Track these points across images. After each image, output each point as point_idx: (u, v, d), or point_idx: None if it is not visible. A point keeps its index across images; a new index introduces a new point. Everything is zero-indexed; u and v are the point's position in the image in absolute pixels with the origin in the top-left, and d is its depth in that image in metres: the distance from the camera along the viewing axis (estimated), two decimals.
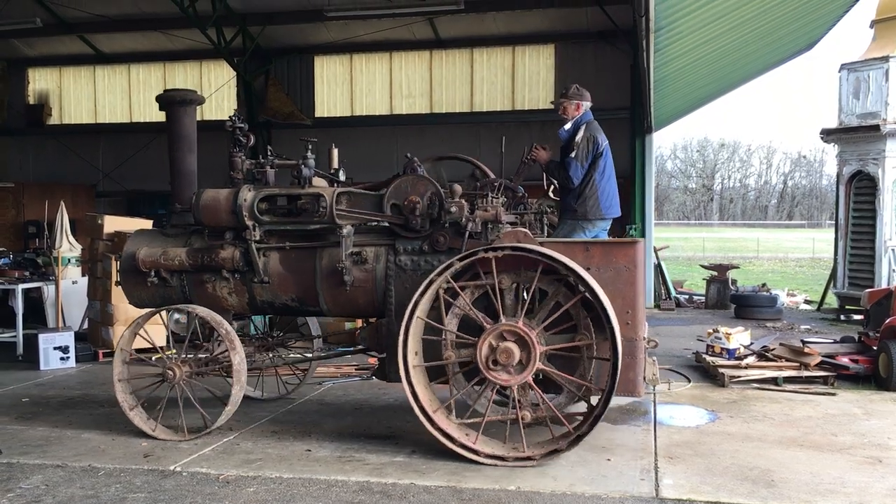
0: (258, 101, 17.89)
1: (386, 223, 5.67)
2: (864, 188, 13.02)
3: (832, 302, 14.29)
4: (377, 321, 5.83)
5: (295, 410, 6.69)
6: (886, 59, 12.60)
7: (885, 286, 11.39)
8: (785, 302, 14.51)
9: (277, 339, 7.25)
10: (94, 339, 9.19)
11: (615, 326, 4.95)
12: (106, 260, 8.74)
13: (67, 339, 8.76)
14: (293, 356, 7.24)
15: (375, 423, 6.17)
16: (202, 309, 5.91)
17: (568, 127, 6.87)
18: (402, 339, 5.24)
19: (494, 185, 6.16)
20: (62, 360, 8.66)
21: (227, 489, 4.67)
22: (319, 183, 5.99)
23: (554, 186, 7.35)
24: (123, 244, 6.42)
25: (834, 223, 14.80)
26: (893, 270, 12.47)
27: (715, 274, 14.82)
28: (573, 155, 6.72)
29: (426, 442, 5.60)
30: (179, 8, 14.95)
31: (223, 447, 5.53)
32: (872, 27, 13.41)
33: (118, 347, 5.93)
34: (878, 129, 12.39)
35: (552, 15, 16.31)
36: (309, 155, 5.79)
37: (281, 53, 18.02)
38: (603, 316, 4.99)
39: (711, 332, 8.51)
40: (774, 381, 7.51)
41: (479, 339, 5.14)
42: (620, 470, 5.01)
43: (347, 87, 18.37)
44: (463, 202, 5.42)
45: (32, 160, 19.33)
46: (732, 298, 13.62)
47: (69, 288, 9.98)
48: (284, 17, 16.69)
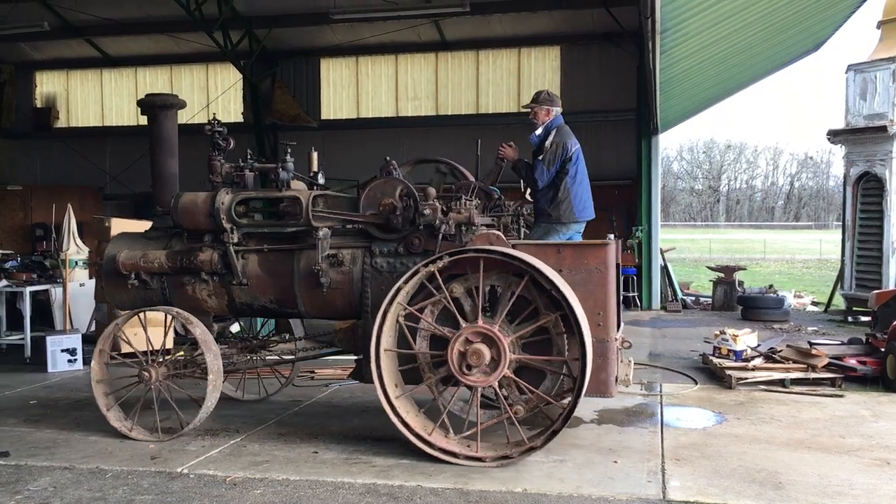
0: (264, 103, 17.93)
1: (362, 226, 5.72)
2: (871, 189, 12.98)
3: (839, 303, 14.24)
4: (353, 323, 5.86)
5: (301, 412, 6.70)
6: (893, 59, 12.57)
7: (892, 287, 11.36)
8: (792, 303, 14.47)
9: (260, 340, 7.25)
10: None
11: (582, 324, 4.96)
12: None
13: (75, 341, 8.79)
14: (272, 358, 7.27)
15: (382, 424, 6.14)
16: (178, 311, 5.95)
17: (539, 132, 6.95)
18: (376, 374, 5.26)
19: (468, 187, 6.20)
20: (70, 362, 8.69)
21: (233, 491, 4.68)
22: (298, 186, 6.02)
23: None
24: None
25: (841, 224, 14.77)
26: None
27: (721, 275, 14.80)
28: (540, 158, 6.82)
29: None
30: (186, 11, 15.00)
31: (230, 449, 5.54)
32: (879, 28, 13.38)
33: (96, 349, 5.98)
34: (885, 129, 12.35)
35: (557, 17, 16.32)
36: (288, 158, 5.85)
37: (287, 56, 18.06)
38: (570, 315, 5.00)
39: (718, 333, 8.49)
40: (782, 382, 7.49)
41: (446, 350, 5.15)
42: (627, 472, 5.00)
43: (353, 89, 18.41)
44: (437, 204, 5.48)
45: (40, 163, 19.41)
46: (739, 300, 13.59)
47: (77, 290, 10.01)
48: (290, 19, 16.74)
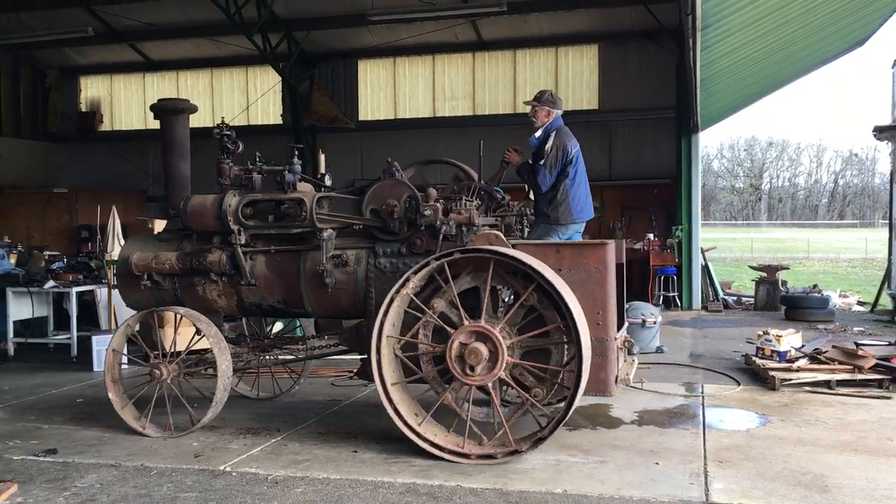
0: (303, 105, 18.08)
1: (365, 227, 5.80)
2: None
3: (886, 303, 13.93)
4: (359, 322, 5.92)
5: (341, 412, 6.74)
6: None
7: None
8: (837, 303, 14.19)
9: (271, 339, 7.33)
10: (145, 340, 9.35)
11: (578, 323, 4.97)
12: None
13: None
14: (284, 357, 7.36)
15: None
16: (187, 310, 6.10)
17: (538, 134, 6.97)
18: (375, 361, 5.32)
19: (470, 188, 6.24)
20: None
21: (275, 489, 4.73)
22: (305, 188, 6.10)
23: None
24: None
25: (888, 222, 14.45)
26: None
27: (764, 275, 14.57)
28: (542, 163, 6.84)
29: None
30: (226, 15, 15.20)
31: (271, 448, 5.60)
32: None
33: (109, 348, 6.13)
34: None
35: (595, 15, 16.20)
36: (295, 161, 5.97)
37: (325, 58, 18.20)
38: (566, 313, 5.01)
39: (761, 334, 8.36)
40: (827, 384, 7.34)
41: (446, 345, 5.19)
42: (669, 474, 4.95)
43: (391, 90, 18.48)
44: (437, 205, 5.55)
45: (85, 166, 19.78)
46: (782, 300, 13.37)
47: None
48: (328, 21, 16.86)
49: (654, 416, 6.44)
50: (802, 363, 7.77)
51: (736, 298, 15.34)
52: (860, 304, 15.42)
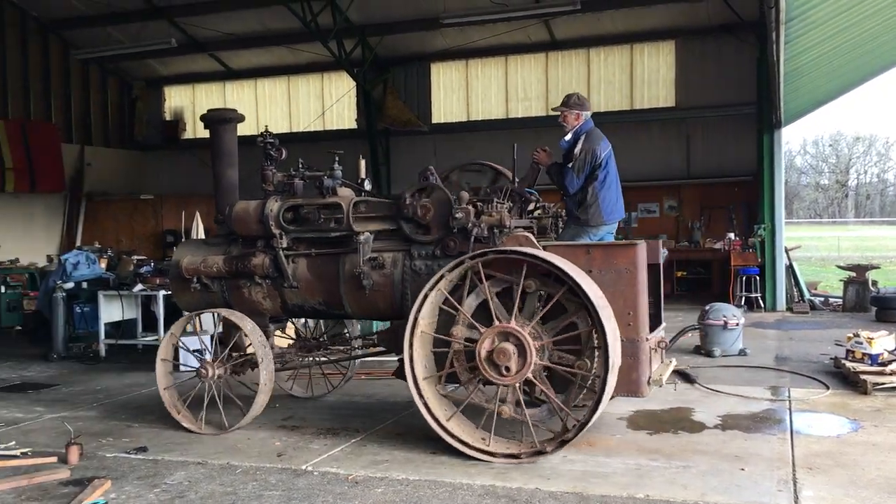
0: (377, 109, 18.28)
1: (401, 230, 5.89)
2: None
3: None
4: (395, 323, 5.97)
5: (418, 413, 6.73)
6: None
7: None
8: None
9: (317, 340, 7.46)
10: (228, 342, 9.59)
11: (605, 325, 4.97)
12: None
13: (205, 342, 9.18)
14: (330, 358, 7.47)
15: (498, 426, 6.14)
16: (231, 312, 6.33)
17: (568, 137, 6.95)
18: (407, 354, 5.42)
19: (502, 190, 6.26)
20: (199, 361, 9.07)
21: (356, 489, 4.78)
22: (345, 193, 6.23)
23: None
24: None
25: None
26: None
27: (853, 275, 14.00)
28: (570, 165, 6.82)
29: None
30: (302, 23, 15.52)
31: (351, 448, 5.67)
32: None
33: (170, 332, 6.42)
34: None
35: (672, 10, 15.89)
36: (336, 167, 6.14)
37: (398, 62, 18.36)
38: (592, 313, 5.03)
39: (851, 336, 8.04)
40: None
41: (476, 343, 5.25)
42: (755, 480, 4.81)
43: (463, 92, 18.52)
44: (469, 208, 5.62)
45: (169, 173, 20.43)
46: (873, 301, 12.83)
47: None
48: (402, 26, 17.02)
49: (738, 420, 6.26)
50: None
51: (823, 299, 14.79)
52: None
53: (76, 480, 5.02)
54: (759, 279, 14.03)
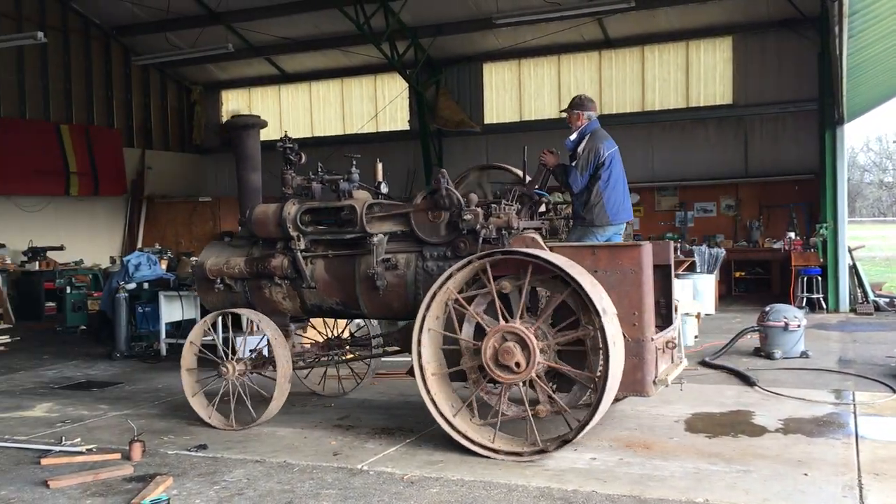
0: (429, 110, 18.34)
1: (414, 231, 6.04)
2: None
3: None
4: (408, 322, 6.03)
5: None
6: None
7: None
8: None
9: (336, 339, 7.54)
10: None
11: (606, 325, 5.01)
12: None
13: (262, 342, 9.32)
14: (346, 357, 7.50)
15: (553, 428, 6.11)
16: (251, 311, 6.54)
17: (573, 137, 7.06)
18: (416, 351, 5.55)
19: (511, 192, 6.32)
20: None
21: (411, 489, 4.80)
22: (362, 195, 6.36)
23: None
24: None
25: None
26: None
27: None
28: (574, 164, 6.93)
29: (607, 448, 5.52)
30: (356, 26, 15.67)
31: (405, 448, 5.69)
32: None
33: (188, 341, 6.57)
34: None
35: (729, 5, 15.61)
36: (353, 170, 6.32)
37: (451, 63, 18.40)
38: (593, 312, 5.07)
39: None
40: None
41: (482, 342, 5.36)
42: (819, 486, 4.69)
43: (516, 92, 18.46)
44: (478, 210, 5.73)
45: (227, 175, 20.78)
46: None
47: None
48: (454, 27, 17.05)
49: (800, 424, 6.11)
50: None
51: (888, 300, 14.33)
52: None
53: (139, 476, 5.14)
54: (820, 280, 13.66)
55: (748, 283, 16.02)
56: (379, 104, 19.68)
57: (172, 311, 10.25)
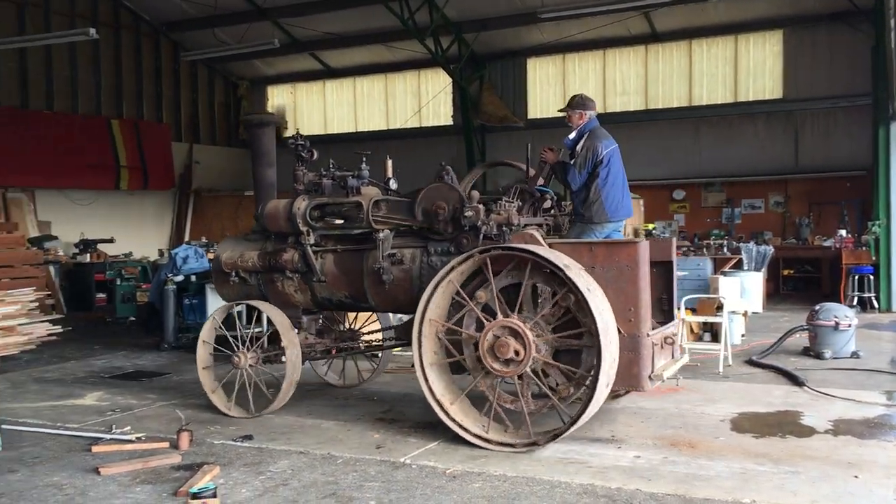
0: (473, 105, 18.31)
1: (418, 227, 6.19)
2: None
3: None
4: (413, 316, 6.07)
5: (515, 409, 6.75)
6: None
7: None
8: None
9: (349, 331, 7.72)
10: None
11: (598, 320, 5.09)
12: None
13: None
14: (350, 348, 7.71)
15: (597, 425, 6.08)
16: (261, 303, 6.70)
17: (572, 136, 7.17)
18: (416, 341, 5.67)
19: (512, 189, 6.44)
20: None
21: (453, 483, 4.81)
22: (371, 192, 6.47)
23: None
24: None
25: None
26: None
27: None
28: (573, 162, 7.03)
29: (651, 446, 5.47)
30: (401, 21, 15.71)
31: (448, 442, 5.68)
32: None
33: (200, 339, 6.75)
34: None
35: None
36: (363, 167, 6.46)
37: (495, 58, 18.35)
38: (586, 309, 5.15)
39: None
40: None
41: (480, 335, 5.47)
42: (870, 488, 4.58)
43: (560, 87, 18.34)
44: (479, 207, 5.86)
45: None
46: None
47: None
48: (498, 21, 17.00)
49: (850, 425, 5.98)
50: None
51: None
52: None
53: (187, 465, 5.24)
54: (872, 278, 13.34)
55: (797, 281, 15.72)
56: (422, 99, 19.72)
57: (218, 303, 10.30)
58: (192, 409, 6.88)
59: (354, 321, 7.99)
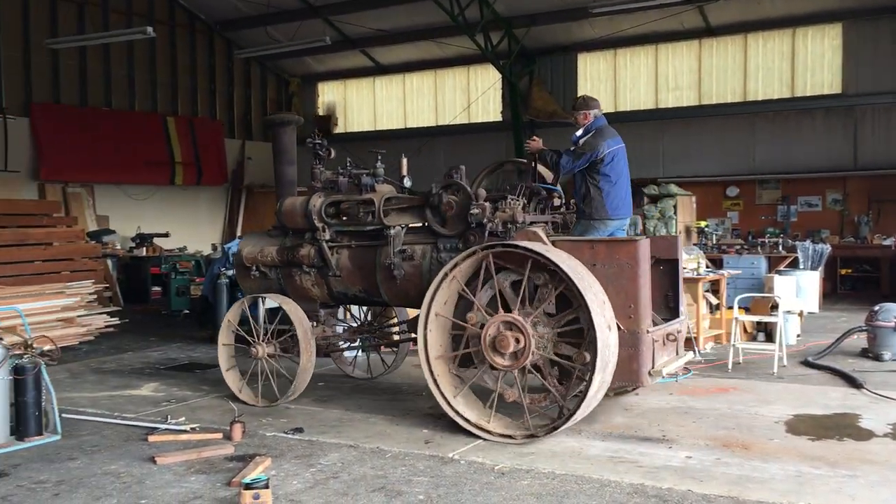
0: (522, 101, 18.22)
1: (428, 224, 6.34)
2: None
3: None
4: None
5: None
6: None
7: None
8: None
9: (368, 324, 7.92)
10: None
11: (593, 314, 5.18)
12: None
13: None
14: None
15: (647, 424, 6.02)
16: (277, 296, 6.89)
17: (579, 133, 7.29)
18: (422, 334, 5.81)
19: (517, 187, 6.49)
20: (351, 350, 9.39)
21: (502, 480, 4.81)
22: (385, 189, 6.67)
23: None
24: None
25: None
26: None
27: None
28: (571, 149, 7.12)
29: (703, 447, 5.39)
30: (450, 17, 15.71)
31: (496, 439, 5.67)
32: None
33: (226, 319, 7.04)
34: None
35: None
36: (378, 165, 6.69)
37: (544, 53, 18.23)
38: (582, 304, 5.26)
39: None
40: None
41: (483, 329, 5.60)
42: None
43: (611, 82, 18.14)
44: (486, 205, 6.00)
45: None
46: None
47: None
48: (548, 16, 16.88)
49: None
50: None
51: None
52: None
53: (239, 456, 5.33)
54: None
55: (855, 280, 15.31)
56: (471, 95, 19.69)
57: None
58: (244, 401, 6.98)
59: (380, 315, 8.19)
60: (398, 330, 7.69)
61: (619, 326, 5.49)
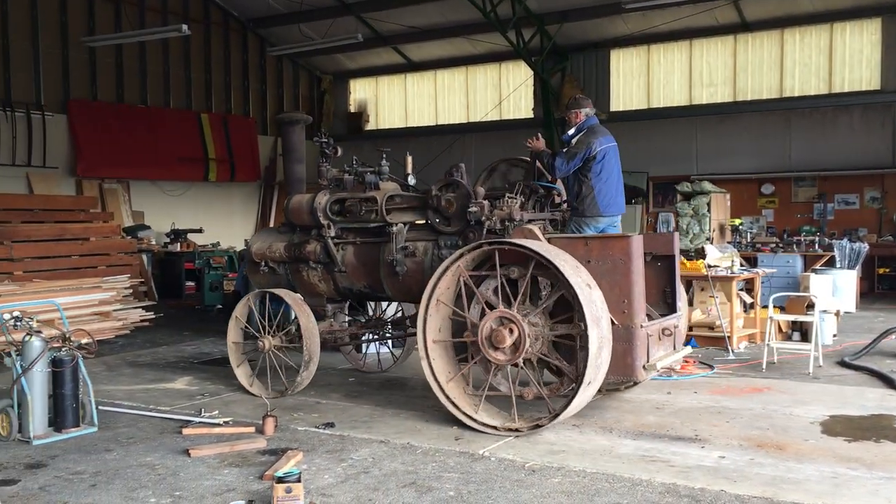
0: (554, 98, 18.14)
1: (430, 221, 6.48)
2: None
3: None
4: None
5: (596, 405, 6.67)
6: None
7: None
8: None
9: (374, 319, 8.09)
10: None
11: (585, 309, 5.24)
12: None
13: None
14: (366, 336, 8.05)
15: (679, 424, 5.97)
16: (284, 291, 7.01)
17: (571, 132, 7.52)
18: (422, 318, 5.89)
19: (517, 185, 6.64)
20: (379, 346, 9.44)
21: (532, 477, 4.80)
22: (389, 187, 6.82)
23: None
24: None
25: None
26: None
27: None
28: (564, 150, 7.34)
29: (737, 447, 5.34)
30: (482, 13, 15.68)
31: (527, 436, 5.67)
32: None
33: (234, 316, 7.13)
34: None
35: None
36: (383, 163, 6.89)
37: (577, 50, 18.12)
38: (574, 302, 5.33)
39: None
40: None
41: (479, 324, 5.68)
42: None
43: (644, 79, 18.00)
44: (484, 203, 6.12)
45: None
46: None
47: None
48: (581, 13, 16.79)
49: None
50: None
51: None
52: None
53: (272, 450, 5.38)
54: None
55: (893, 280, 15.04)
56: (503, 92, 19.65)
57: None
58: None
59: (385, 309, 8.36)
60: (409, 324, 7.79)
61: (613, 321, 5.55)
